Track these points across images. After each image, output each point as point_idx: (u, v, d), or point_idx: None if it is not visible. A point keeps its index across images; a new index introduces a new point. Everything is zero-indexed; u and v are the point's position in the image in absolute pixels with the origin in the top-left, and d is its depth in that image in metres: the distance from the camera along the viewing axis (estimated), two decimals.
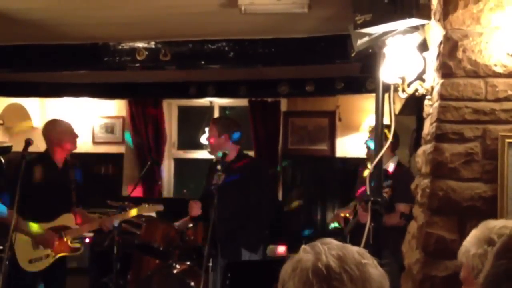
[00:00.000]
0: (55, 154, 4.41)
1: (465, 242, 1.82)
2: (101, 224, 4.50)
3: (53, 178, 4.37)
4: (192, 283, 4.40)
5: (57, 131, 4.41)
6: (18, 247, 4.05)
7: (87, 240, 5.89)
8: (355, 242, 1.35)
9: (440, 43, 2.46)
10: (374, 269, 1.28)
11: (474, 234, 1.80)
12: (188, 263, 4.71)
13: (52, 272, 4.34)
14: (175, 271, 4.60)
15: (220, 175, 4.01)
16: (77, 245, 4.48)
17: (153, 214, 5.75)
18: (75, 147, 4.52)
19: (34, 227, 4.25)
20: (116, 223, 4.45)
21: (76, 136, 4.50)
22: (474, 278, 1.73)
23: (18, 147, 5.06)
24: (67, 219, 4.42)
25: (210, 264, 4.07)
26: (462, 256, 1.81)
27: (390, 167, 4.32)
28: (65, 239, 4.36)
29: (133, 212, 4.63)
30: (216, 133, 4.41)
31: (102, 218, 4.55)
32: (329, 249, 1.28)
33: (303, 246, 1.32)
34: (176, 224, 4.83)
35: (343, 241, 1.35)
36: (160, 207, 4.79)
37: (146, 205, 4.70)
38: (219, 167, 4.06)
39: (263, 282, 2.99)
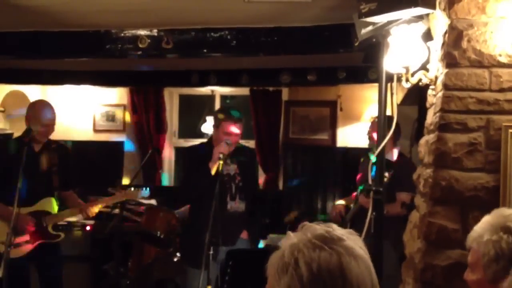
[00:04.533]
0: (36, 131, 4.12)
1: (476, 227, 1.82)
2: (82, 211, 4.27)
3: (28, 161, 4.02)
4: None
5: (35, 114, 4.16)
6: None
7: (87, 228, 5.90)
8: (356, 229, 1.35)
9: (445, 33, 2.45)
10: (326, 252, 1.23)
11: (487, 221, 1.80)
12: None
13: (45, 260, 4.20)
14: (175, 259, 4.62)
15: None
16: (59, 233, 4.25)
17: (154, 202, 5.78)
18: (47, 135, 4.26)
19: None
20: (95, 209, 4.26)
21: (48, 123, 4.20)
22: (483, 264, 1.73)
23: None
24: (47, 204, 4.22)
25: (211, 252, 4.08)
26: (472, 241, 1.80)
27: (392, 156, 4.33)
28: (44, 225, 4.15)
29: (115, 198, 4.45)
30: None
31: (83, 205, 4.31)
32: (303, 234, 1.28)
33: (288, 232, 1.33)
34: (178, 211, 4.84)
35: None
36: (144, 194, 4.69)
37: (132, 189, 4.55)
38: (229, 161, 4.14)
39: (264, 271, 3.00)
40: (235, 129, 4.07)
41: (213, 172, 3.95)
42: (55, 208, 4.28)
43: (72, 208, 4.34)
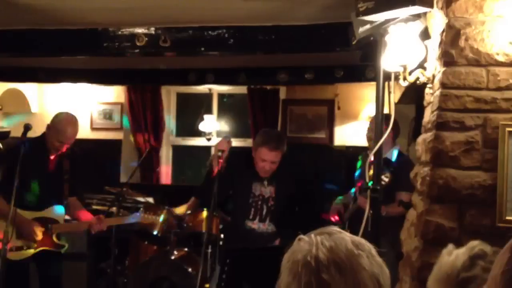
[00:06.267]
0: (51, 143, 4.18)
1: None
2: (90, 226, 4.25)
3: (43, 167, 4.16)
4: (190, 269, 4.42)
5: (57, 128, 4.16)
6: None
7: None
8: (354, 229, 1.36)
9: (443, 31, 2.46)
10: (367, 259, 1.27)
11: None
12: (186, 249, 4.73)
13: (45, 258, 4.17)
14: (173, 257, 4.62)
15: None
16: (63, 243, 4.25)
17: (151, 200, 5.77)
18: (62, 149, 4.22)
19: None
20: (104, 227, 4.26)
21: (64, 141, 4.17)
22: None
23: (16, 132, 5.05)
24: (56, 212, 4.20)
25: (209, 250, 4.07)
26: None
27: (392, 156, 4.32)
28: (50, 233, 4.14)
29: (122, 220, 4.51)
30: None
31: (92, 220, 4.27)
32: (322, 240, 1.28)
33: (299, 237, 1.33)
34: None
35: (342, 228, 1.35)
36: (156, 220, 4.64)
37: (142, 215, 4.54)
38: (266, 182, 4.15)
39: (262, 270, 3.00)
40: (270, 157, 4.00)
41: (215, 170, 3.89)
42: (63, 217, 4.27)
43: (81, 222, 4.34)
